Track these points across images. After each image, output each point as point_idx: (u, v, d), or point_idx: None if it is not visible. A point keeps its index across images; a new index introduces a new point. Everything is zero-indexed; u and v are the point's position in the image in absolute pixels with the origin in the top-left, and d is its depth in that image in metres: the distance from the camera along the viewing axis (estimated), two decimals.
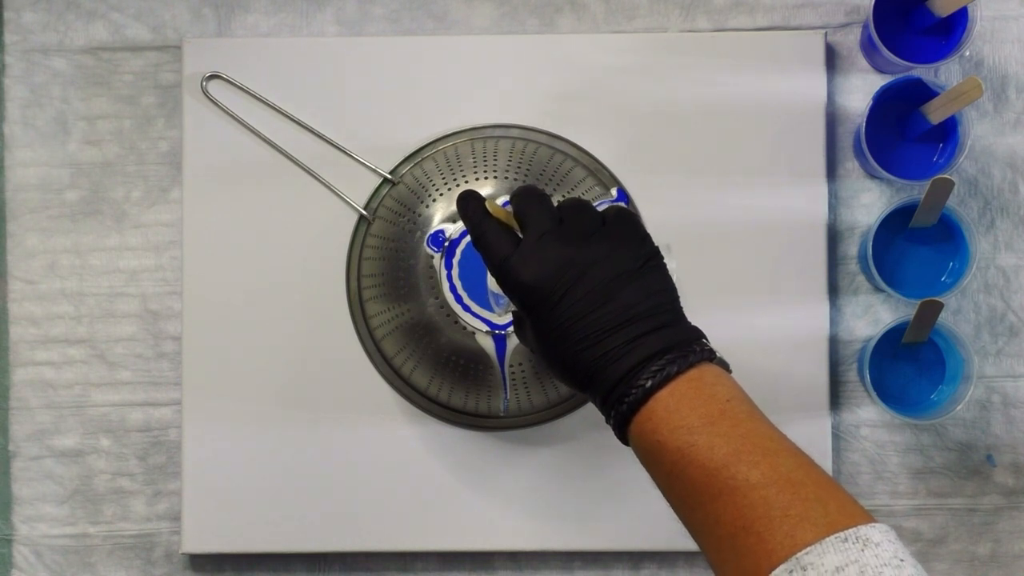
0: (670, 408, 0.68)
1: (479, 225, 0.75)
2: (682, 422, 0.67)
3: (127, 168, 1.03)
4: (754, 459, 0.65)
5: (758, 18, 1.03)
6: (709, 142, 1.00)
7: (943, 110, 0.94)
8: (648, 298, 0.71)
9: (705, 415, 0.67)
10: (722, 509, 0.65)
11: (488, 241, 0.74)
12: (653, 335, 0.70)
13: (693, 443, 0.67)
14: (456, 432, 1.00)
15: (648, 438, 0.69)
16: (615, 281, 0.71)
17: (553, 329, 0.71)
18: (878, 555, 0.61)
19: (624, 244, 0.73)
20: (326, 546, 1.00)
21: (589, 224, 0.74)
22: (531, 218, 0.74)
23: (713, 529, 0.65)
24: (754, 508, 0.64)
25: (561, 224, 0.73)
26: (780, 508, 0.63)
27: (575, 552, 1.01)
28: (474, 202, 0.76)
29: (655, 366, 0.69)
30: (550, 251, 0.72)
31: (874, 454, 1.01)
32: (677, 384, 0.69)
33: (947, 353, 0.99)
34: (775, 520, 0.63)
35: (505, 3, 1.03)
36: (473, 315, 0.90)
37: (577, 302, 0.70)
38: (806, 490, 0.64)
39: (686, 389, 0.68)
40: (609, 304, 0.70)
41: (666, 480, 0.68)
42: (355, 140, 1.00)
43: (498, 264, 0.73)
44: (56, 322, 1.02)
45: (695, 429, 0.67)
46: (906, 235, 0.99)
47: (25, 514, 1.02)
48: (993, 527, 1.01)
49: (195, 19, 1.03)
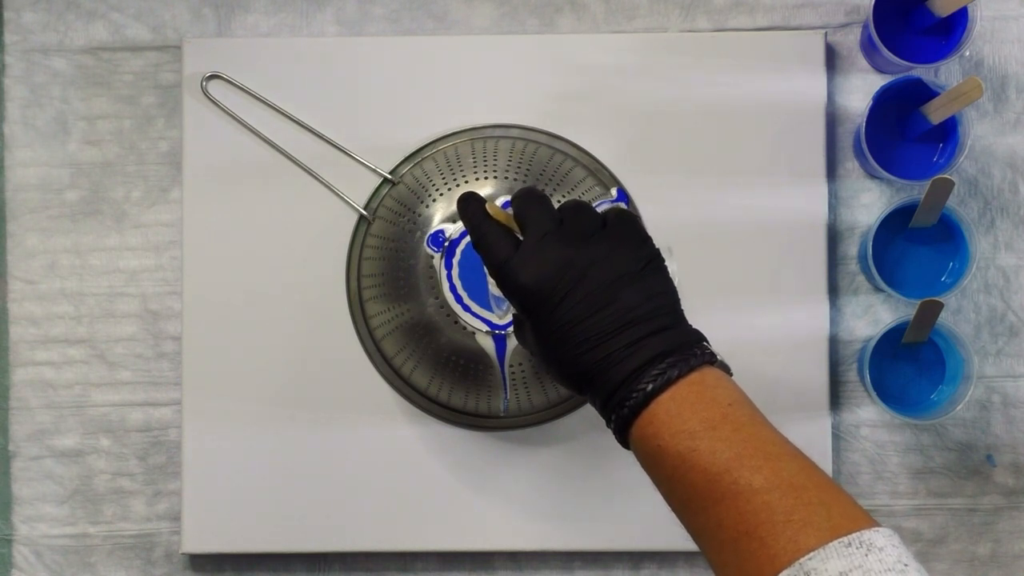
0: (671, 412, 0.68)
1: (479, 227, 0.74)
2: (683, 426, 0.67)
3: (127, 168, 1.03)
4: (756, 464, 0.65)
5: (758, 18, 1.03)
6: (709, 142, 1.00)
7: (943, 110, 0.94)
8: (649, 300, 0.70)
9: (706, 419, 0.67)
10: (724, 513, 0.64)
11: (488, 243, 0.74)
12: (654, 338, 0.69)
13: (695, 448, 0.66)
14: (456, 432, 1.00)
15: (649, 442, 0.68)
16: (616, 283, 0.70)
17: (553, 332, 0.71)
18: (882, 560, 0.61)
19: (625, 246, 0.72)
20: (326, 546, 1.00)
21: (589, 225, 0.73)
22: (531, 220, 0.73)
23: (715, 533, 0.65)
24: (756, 513, 0.64)
25: (561, 225, 0.73)
26: (783, 513, 0.63)
27: (575, 552, 1.01)
28: (474, 204, 0.76)
29: (656, 370, 0.68)
30: (550, 252, 0.71)
31: (874, 454, 1.01)
32: (678, 388, 0.68)
33: (947, 353, 0.99)
34: (778, 525, 0.63)
35: (505, 3, 1.03)
36: (473, 315, 0.90)
37: (577, 304, 0.70)
38: (809, 494, 0.64)
39: (687, 393, 0.68)
40: (609, 307, 0.70)
41: (667, 484, 0.68)
42: (355, 140, 1.00)
43: (498, 266, 0.73)
44: (56, 322, 1.02)
45: (696, 434, 0.66)
46: (906, 235, 0.99)
47: (25, 514, 1.02)
48: (993, 527, 1.01)
49: (195, 19, 1.03)
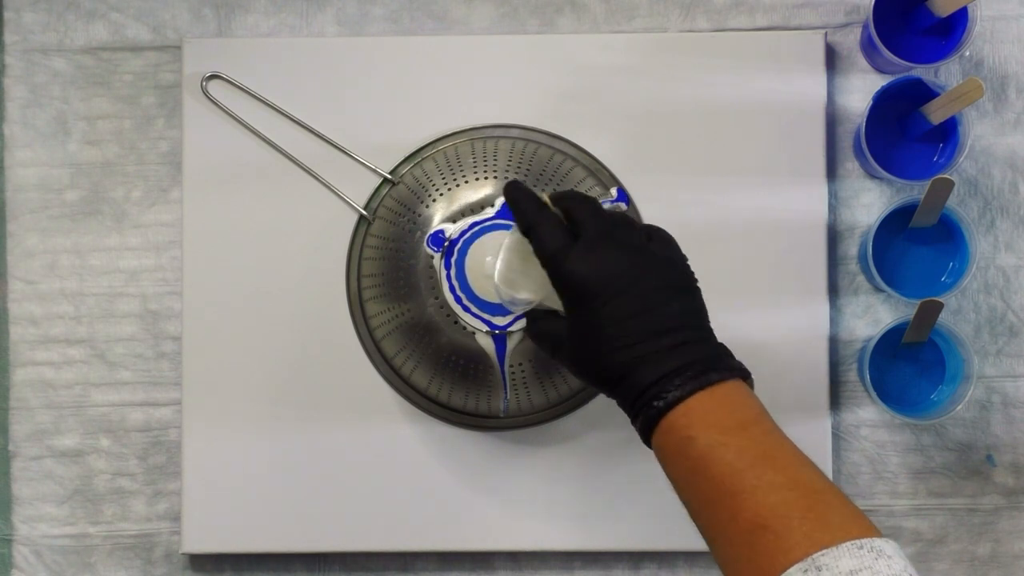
0: (707, 408, 0.71)
1: (535, 215, 0.79)
2: (717, 422, 0.71)
3: (127, 168, 1.03)
4: (780, 464, 0.69)
5: (758, 18, 1.03)
6: (709, 142, 1.00)
7: (944, 110, 0.94)
8: (689, 315, 0.76)
9: (740, 420, 0.71)
10: (742, 506, 0.67)
11: (546, 230, 0.78)
12: (694, 345, 0.74)
13: (724, 442, 0.70)
14: (456, 432, 1.00)
15: (680, 433, 0.71)
16: (664, 291, 0.75)
17: (599, 324, 0.75)
18: (890, 566, 0.63)
19: (671, 263, 0.78)
20: (326, 546, 1.00)
21: (637, 236, 0.79)
22: (588, 218, 0.78)
23: (729, 526, 0.68)
24: (774, 508, 0.66)
25: (615, 229, 0.78)
26: (800, 510, 0.66)
27: (575, 552, 1.01)
28: (527, 192, 0.81)
29: (693, 371, 0.72)
30: (610, 251, 0.76)
31: (874, 454, 1.01)
32: (716, 389, 0.72)
33: (947, 353, 0.99)
34: (794, 520, 0.66)
35: (505, 3, 1.03)
36: (473, 315, 0.90)
37: (629, 302, 0.74)
38: (826, 497, 0.67)
39: (723, 395, 0.72)
40: (656, 311, 0.74)
41: (689, 475, 0.71)
42: (355, 140, 1.00)
43: (553, 254, 0.77)
44: (56, 322, 1.02)
45: (728, 429, 0.70)
46: (906, 235, 0.99)
47: (25, 514, 1.02)
48: (993, 527, 1.01)
49: (195, 19, 1.03)
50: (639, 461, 0.98)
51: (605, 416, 0.98)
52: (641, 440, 0.75)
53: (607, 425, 0.98)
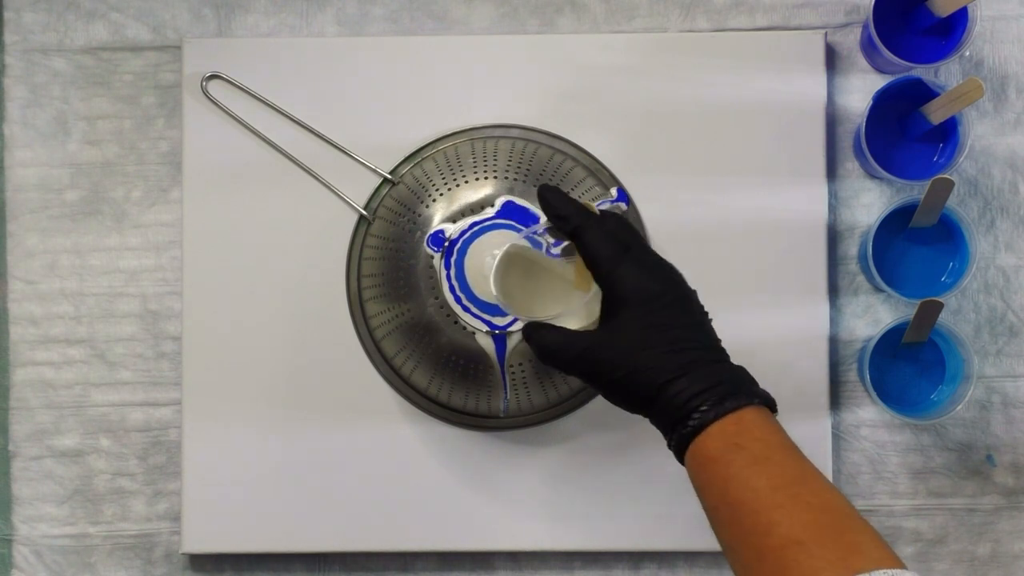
0: (757, 422, 0.73)
1: (586, 219, 0.79)
2: (764, 436, 0.73)
3: (127, 168, 1.03)
4: (817, 486, 0.71)
5: (758, 18, 1.03)
6: (709, 142, 1.00)
7: (944, 110, 0.94)
8: (715, 339, 0.78)
9: (785, 439, 0.73)
10: (779, 519, 0.68)
11: (598, 234, 0.78)
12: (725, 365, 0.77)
13: (769, 457, 0.71)
14: (456, 432, 1.00)
15: (728, 440, 0.73)
16: (702, 315, 0.78)
17: (650, 326, 0.76)
18: None
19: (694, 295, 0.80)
20: (326, 546, 1.00)
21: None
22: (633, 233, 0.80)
23: (762, 539, 0.68)
24: (808, 526, 0.67)
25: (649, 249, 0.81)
26: (834, 531, 0.67)
27: (575, 552, 1.01)
28: (566, 196, 0.81)
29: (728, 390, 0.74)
30: (663, 264, 0.79)
31: (874, 454, 1.01)
32: (750, 411, 0.74)
33: (947, 353, 0.99)
34: (828, 539, 0.67)
35: (505, 3, 1.03)
36: (473, 315, 0.90)
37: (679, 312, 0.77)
38: (858, 524, 0.68)
39: (757, 418, 0.74)
40: (701, 329, 0.78)
41: (726, 484, 0.71)
42: (355, 140, 1.00)
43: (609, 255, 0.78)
44: (56, 322, 1.02)
45: (773, 445, 0.72)
46: (906, 235, 0.99)
47: (25, 514, 1.02)
48: (993, 527, 1.01)
49: (195, 19, 1.03)
50: (639, 461, 0.98)
51: (605, 416, 0.98)
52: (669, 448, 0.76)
53: (607, 425, 0.98)
